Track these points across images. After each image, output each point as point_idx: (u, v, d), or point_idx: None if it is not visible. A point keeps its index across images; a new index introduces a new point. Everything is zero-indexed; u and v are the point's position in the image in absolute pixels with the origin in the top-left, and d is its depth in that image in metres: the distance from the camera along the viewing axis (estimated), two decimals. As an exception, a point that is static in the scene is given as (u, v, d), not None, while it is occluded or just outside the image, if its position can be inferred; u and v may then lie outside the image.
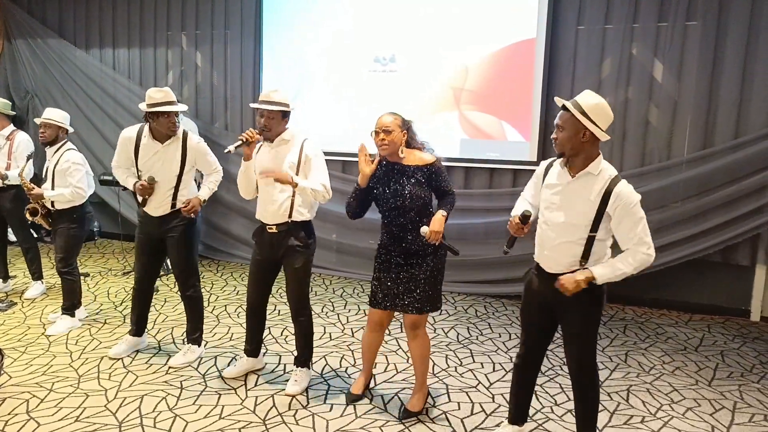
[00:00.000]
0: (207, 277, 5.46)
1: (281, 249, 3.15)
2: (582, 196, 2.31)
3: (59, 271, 4.02)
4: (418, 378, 3.03)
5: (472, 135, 5.12)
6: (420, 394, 3.03)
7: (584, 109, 2.25)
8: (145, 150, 3.41)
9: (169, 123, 3.33)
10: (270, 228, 3.15)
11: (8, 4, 6.73)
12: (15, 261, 5.60)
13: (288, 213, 3.10)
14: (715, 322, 4.57)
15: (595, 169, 2.29)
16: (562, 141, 2.30)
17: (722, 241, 4.45)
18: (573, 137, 2.27)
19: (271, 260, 3.22)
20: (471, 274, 5.09)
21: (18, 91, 6.86)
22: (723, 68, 4.41)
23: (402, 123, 2.83)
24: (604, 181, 2.28)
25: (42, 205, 3.98)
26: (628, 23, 4.59)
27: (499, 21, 4.94)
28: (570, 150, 2.30)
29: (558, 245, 2.37)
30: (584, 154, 2.30)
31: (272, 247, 3.17)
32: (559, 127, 2.30)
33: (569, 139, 2.28)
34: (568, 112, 2.27)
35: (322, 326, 4.26)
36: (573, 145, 2.28)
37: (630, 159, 4.70)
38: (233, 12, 5.85)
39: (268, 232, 3.17)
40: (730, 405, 3.21)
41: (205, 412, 2.98)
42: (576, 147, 2.29)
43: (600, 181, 2.29)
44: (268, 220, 3.15)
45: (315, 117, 5.60)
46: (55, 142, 3.97)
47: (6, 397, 3.09)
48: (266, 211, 3.15)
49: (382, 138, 2.78)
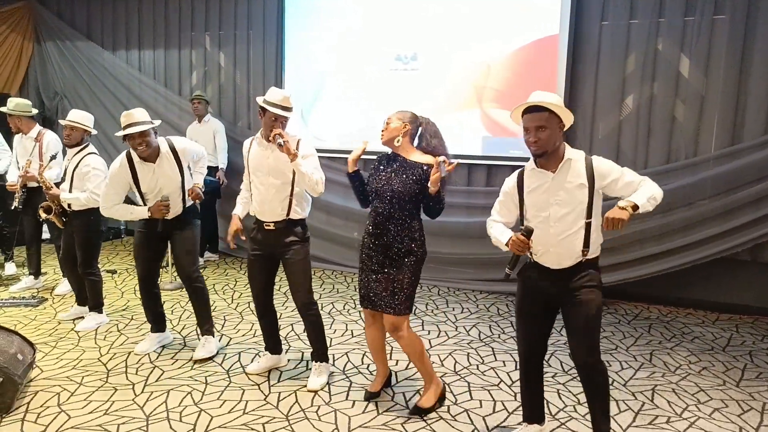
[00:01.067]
0: (230, 275, 5.54)
1: (279, 245, 3.20)
2: (571, 183, 2.37)
3: (82, 273, 4.09)
4: (422, 375, 3.03)
5: (494, 132, 5.10)
6: (429, 392, 3.02)
7: (556, 104, 2.33)
8: (142, 174, 3.46)
9: (134, 146, 3.36)
10: (267, 225, 3.20)
11: (38, 8, 6.90)
12: (45, 258, 5.73)
13: (286, 211, 3.16)
14: (744, 322, 4.47)
15: (570, 154, 2.39)
16: (546, 140, 2.33)
17: (751, 239, 4.35)
18: (554, 134, 2.34)
19: (270, 256, 3.27)
20: (494, 272, 5.07)
21: (47, 92, 7.04)
22: (752, 63, 4.31)
23: (404, 117, 2.90)
24: (582, 162, 2.38)
25: (57, 204, 4.03)
26: (654, 18, 4.52)
27: (521, 17, 4.91)
28: (552, 146, 2.35)
29: (563, 240, 2.39)
30: (560, 147, 2.39)
31: (270, 244, 3.22)
32: (541, 128, 2.32)
33: (552, 136, 2.33)
34: (543, 111, 2.32)
35: (344, 323, 4.29)
36: (555, 140, 2.35)
37: (656, 156, 4.63)
38: (256, 12, 5.92)
39: (265, 229, 3.22)
40: (759, 406, 3.15)
41: (230, 407, 3.03)
42: (558, 141, 2.37)
43: (578, 163, 2.38)
44: (266, 218, 3.20)
45: (335, 115, 5.63)
46: (79, 143, 4.03)
47: (38, 390, 3.18)
48: (264, 209, 3.20)
49: (383, 129, 2.93)
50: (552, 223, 2.41)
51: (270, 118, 3.08)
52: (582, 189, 2.36)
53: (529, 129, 2.35)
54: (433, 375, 3.03)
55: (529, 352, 2.63)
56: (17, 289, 4.93)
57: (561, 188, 2.38)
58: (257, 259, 3.29)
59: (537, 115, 2.32)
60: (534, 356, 2.64)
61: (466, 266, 5.23)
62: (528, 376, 2.68)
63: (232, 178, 5.69)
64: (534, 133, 2.33)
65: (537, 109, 2.33)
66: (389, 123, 2.91)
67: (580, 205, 2.37)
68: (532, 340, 2.61)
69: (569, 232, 2.38)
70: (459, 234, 5.16)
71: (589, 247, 2.39)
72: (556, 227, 2.40)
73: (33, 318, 4.30)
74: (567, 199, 2.38)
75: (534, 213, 2.47)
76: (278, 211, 3.17)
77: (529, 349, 2.63)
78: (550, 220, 2.41)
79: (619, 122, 4.73)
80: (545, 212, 2.42)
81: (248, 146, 3.27)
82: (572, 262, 2.41)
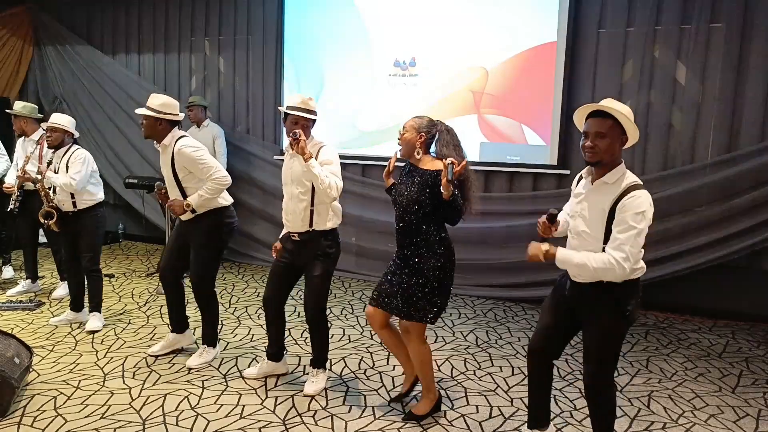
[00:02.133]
0: (228, 279, 5.54)
1: (302, 256, 3.19)
2: (597, 204, 2.27)
3: (88, 271, 4.14)
4: (422, 383, 3.02)
5: (492, 138, 5.12)
6: (425, 399, 3.01)
7: (624, 114, 2.19)
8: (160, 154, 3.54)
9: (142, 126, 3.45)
10: (293, 236, 3.20)
11: (38, 12, 6.92)
12: (43, 262, 5.74)
13: (308, 222, 3.13)
14: (740, 329, 4.48)
15: (610, 179, 2.24)
16: (603, 149, 2.20)
17: (747, 246, 4.36)
18: (613, 144, 2.21)
19: (294, 265, 3.25)
20: (491, 278, 5.08)
21: (47, 96, 7.05)
22: (748, 70, 4.34)
23: (420, 127, 2.85)
24: (620, 189, 2.21)
25: (56, 209, 4.07)
26: (651, 25, 4.54)
27: (519, 24, 4.93)
28: (609, 158, 2.22)
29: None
30: (616, 162, 2.25)
31: (295, 254, 3.22)
32: (600, 134, 2.19)
33: (610, 147, 2.21)
34: (609, 118, 2.20)
35: (341, 328, 4.29)
36: (612, 153, 2.22)
37: (652, 162, 4.65)
38: (255, 18, 5.94)
39: (291, 239, 3.22)
40: (755, 413, 3.16)
41: (226, 412, 3.03)
42: (615, 155, 2.24)
43: (616, 189, 2.22)
44: (291, 228, 3.20)
45: (334, 121, 5.65)
46: (61, 145, 4.08)
47: (35, 393, 3.18)
48: (288, 220, 3.21)
49: (399, 138, 2.91)
50: (573, 234, 2.38)
51: (291, 122, 3.06)
52: (602, 215, 2.23)
53: (588, 134, 2.23)
54: (432, 386, 3.02)
55: (535, 347, 2.54)
56: (15, 292, 4.92)
57: (589, 204, 2.30)
58: (280, 267, 3.28)
59: (600, 121, 2.21)
60: (540, 353, 2.54)
61: (464, 272, 5.22)
62: (532, 375, 2.59)
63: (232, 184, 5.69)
64: (592, 138, 2.21)
65: (602, 114, 2.21)
66: (404, 134, 2.86)
67: (597, 228, 2.25)
68: (542, 336, 2.51)
69: (585, 250, 2.29)
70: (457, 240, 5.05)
71: None
72: (574, 240, 2.36)
73: (30, 322, 4.30)
74: (590, 217, 2.29)
75: (570, 217, 2.45)
76: (301, 221, 3.13)
77: (537, 343, 2.53)
78: (572, 231, 2.39)
79: (617, 129, 4.74)
80: (573, 221, 2.39)
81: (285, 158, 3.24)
82: (590, 279, 2.30)
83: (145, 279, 5.48)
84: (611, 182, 2.24)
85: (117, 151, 6.65)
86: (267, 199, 5.89)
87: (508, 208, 5.04)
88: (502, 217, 5.04)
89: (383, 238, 5.42)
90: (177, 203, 3.41)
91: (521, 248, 2.59)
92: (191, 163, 3.39)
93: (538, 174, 4.99)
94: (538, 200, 4.94)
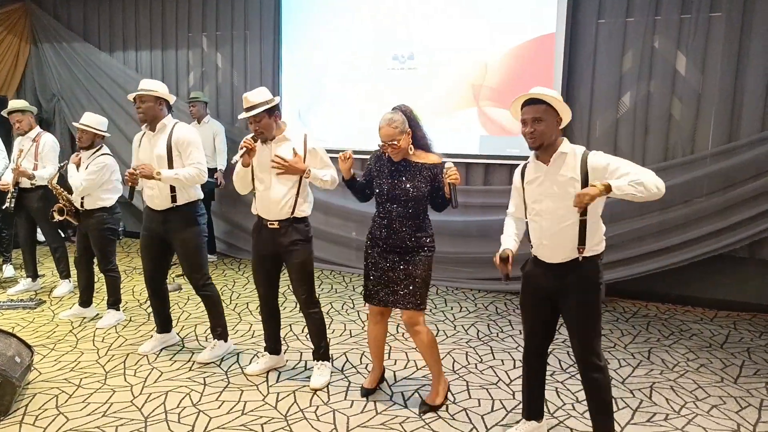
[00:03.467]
0: (229, 275, 5.54)
1: (283, 244, 3.18)
2: (563, 175, 2.38)
3: (102, 271, 4.21)
4: (432, 371, 3.06)
5: (491, 131, 5.10)
6: (438, 387, 3.05)
7: (554, 98, 2.37)
8: (144, 141, 3.52)
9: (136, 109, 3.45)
10: (271, 224, 3.17)
11: (35, 9, 6.89)
12: (43, 260, 5.73)
13: (291, 210, 3.15)
14: (742, 319, 4.48)
15: (565, 148, 2.40)
16: (542, 132, 2.36)
17: (748, 236, 4.35)
18: (550, 126, 2.37)
19: (273, 255, 3.24)
20: (492, 271, 5.06)
21: (44, 94, 7.02)
22: (748, 60, 4.31)
23: (403, 126, 2.82)
24: (578, 156, 2.38)
25: (70, 205, 4.13)
26: (650, 15, 4.51)
27: (518, 16, 4.90)
28: (549, 139, 2.38)
29: (556, 233, 2.41)
30: (557, 140, 2.41)
31: (274, 243, 3.20)
32: (537, 119, 2.35)
33: (549, 129, 2.37)
34: (541, 104, 2.35)
35: (342, 323, 4.29)
36: (552, 134, 2.38)
37: (653, 153, 4.63)
38: (253, 13, 5.91)
39: (268, 228, 3.19)
40: (757, 403, 3.15)
41: (228, 408, 3.03)
42: (554, 135, 2.40)
43: (573, 157, 2.38)
44: (270, 216, 3.18)
45: (333, 115, 5.63)
46: (92, 146, 4.12)
47: (36, 392, 3.18)
48: (268, 208, 3.17)
49: (394, 149, 2.83)
50: (545, 216, 2.43)
51: (255, 122, 3.08)
52: (573, 183, 2.35)
53: (526, 121, 2.38)
54: (442, 372, 3.07)
55: (529, 345, 2.64)
56: (15, 291, 4.92)
57: (554, 182, 2.40)
58: (261, 259, 3.27)
59: (534, 107, 2.37)
60: (534, 350, 2.64)
61: (464, 265, 5.23)
62: (528, 369, 2.68)
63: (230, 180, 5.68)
64: (530, 124, 2.37)
65: (535, 101, 2.37)
66: (399, 143, 2.79)
67: (571, 198, 2.32)
68: (532, 333, 2.62)
69: (560, 227, 2.39)
70: (457, 233, 5.17)
71: (585, 243, 2.39)
72: (548, 220, 2.42)
73: (31, 320, 4.30)
74: (558, 193, 2.39)
75: (530, 205, 2.50)
76: (284, 210, 3.14)
77: (529, 342, 2.64)
78: (543, 213, 2.44)
79: (616, 120, 4.73)
80: (538, 205, 2.46)
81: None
82: (566, 257, 2.42)
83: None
84: (569, 151, 2.40)
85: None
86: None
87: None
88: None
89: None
90: (148, 167, 3.33)
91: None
92: (185, 145, 3.39)
93: (538, 166, 4.97)
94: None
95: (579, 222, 2.37)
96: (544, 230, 2.44)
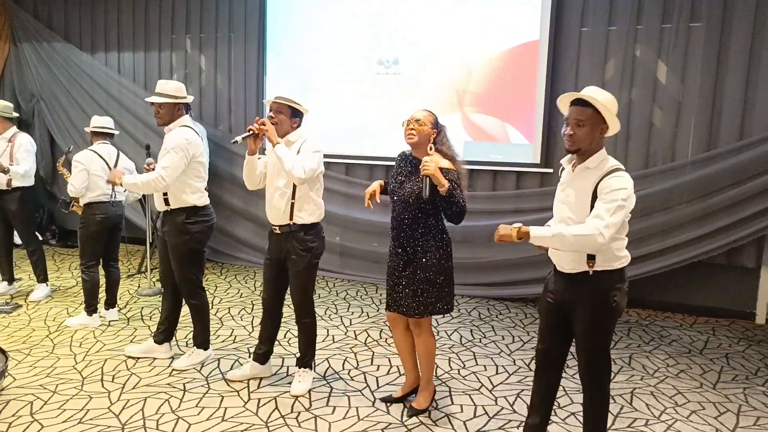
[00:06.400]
0: (211, 280, 5.48)
1: (284, 250, 3.17)
2: (579, 189, 2.29)
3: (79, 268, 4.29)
4: (423, 375, 3.05)
5: (475, 137, 5.12)
6: (425, 392, 3.06)
7: (604, 104, 2.22)
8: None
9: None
10: (275, 228, 3.19)
11: (14, 8, 6.77)
12: (20, 263, 5.62)
13: (288, 215, 3.12)
14: (720, 325, 4.54)
15: (592, 163, 2.27)
16: (581, 137, 2.23)
17: (727, 243, 4.41)
18: (592, 132, 2.24)
19: (278, 260, 3.23)
20: (474, 277, 5.08)
21: (24, 94, 6.89)
22: (727, 70, 4.39)
23: (435, 122, 2.86)
24: (603, 172, 2.23)
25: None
26: (632, 25, 4.58)
27: (502, 23, 4.94)
28: (588, 145, 2.25)
29: None
30: (596, 149, 2.28)
31: (277, 248, 3.20)
32: (579, 122, 2.22)
33: (589, 135, 2.23)
34: (589, 107, 2.22)
35: (325, 329, 4.26)
36: (592, 141, 2.25)
37: (634, 161, 4.68)
38: (237, 15, 5.87)
39: (274, 233, 3.20)
40: (735, 408, 3.19)
41: (208, 414, 2.99)
42: (594, 142, 2.26)
43: (598, 172, 2.25)
44: (272, 221, 3.19)
45: (318, 119, 5.60)
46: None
47: (10, 399, 3.10)
48: (270, 212, 3.19)
49: (411, 127, 2.81)
50: (558, 222, 2.38)
51: (276, 110, 3.12)
52: (586, 199, 2.25)
53: (569, 121, 2.26)
54: (432, 378, 3.07)
55: (539, 353, 2.53)
56: (-10, 295, 4.82)
57: (572, 190, 2.32)
58: (268, 265, 3.26)
59: (580, 109, 2.24)
60: (544, 358, 2.51)
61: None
62: (537, 375, 2.55)
63: (213, 183, 5.63)
64: (572, 126, 2.24)
65: (584, 103, 2.23)
66: (422, 124, 2.79)
67: (584, 213, 2.25)
68: (543, 341, 2.51)
69: None
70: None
71: (594, 257, 2.25)
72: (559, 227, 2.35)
73: (6, 325, 4.20)
74: (574, 203, 2.31)
75: (553, 208, 2.44)
76: (282, 214, 3.12)
77: (540, 349, 2.52)
78: (557, 219, 2.40)
79: (599, 127, 4.77)
80: (557, 209, 2.41)
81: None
82: (574, 268, 2.31)
83: (126, 280, 5.39)
84: (593, 167, 2.27)
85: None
86: (249, 199, 5.82)
87: (491, 207, 5.04)
88: (486, 216, 5.03)
89: (368, 237, 5.40)
90: (117, 174, 3.52)
91: (505, 247, 2.60)
92: (164, 150, 3.33)
93: (522, 173, 5.01)
94: (522, 199, 4.95)
95: None
96: None
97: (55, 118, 6.72)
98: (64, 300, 4.78)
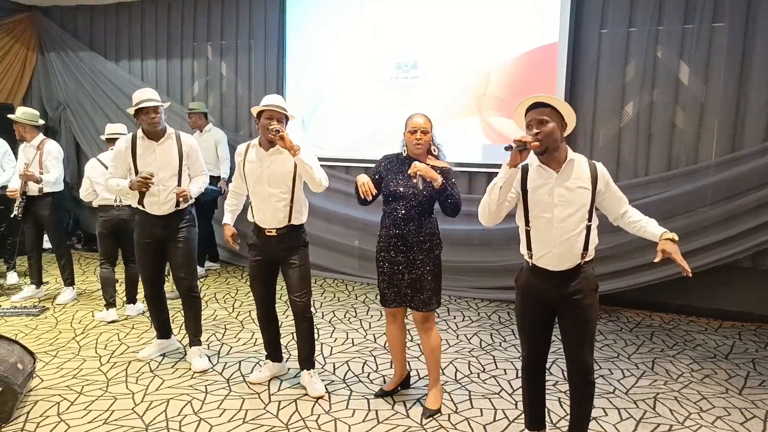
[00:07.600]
0: (231, 283, 5.54)
1: (281, 249, 3.23)
2: (574, 183, 2.38)
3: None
4: (431, 372, 3.08)
5: (494, 140, 5.10)
6: (435, 390, 3.08)
7: (558, 101, 2.38)
8: (142, 150, 3.53)
9: (147, 119, 3.48)
10: (269, 231, 3.22)
11: (42, 19, 6.95)
12: (47, 267, 5.74)
13: (288, 218, 3.19)
14: (747, 329, 4.45)
15: (572, 155, 2.40)
16: (548, 134, 2.32)
17: (752, 246, 4.33)
18: (556, 130, 2.34)
19: (271, 260, 3.29)
20: (494, 280, 5.06)
21: (51, 103, 7.07)
22: (751, 70, 4.32)
23: (431, 125, 3.00)
24: (586, 163, 2.41)
25: None
26: (653, 26, 4.53)
27: (521, 26, 4.92)
28: (553, 143, 2.35)
29: (565, 241, 2.39)
30: (561, 146, 2.39)
31: (272, 249, 3.25)
32: (543, 121, 2.32)
33: (553, 132, 2.33)
34: (546, 107, 2.34)
35: (344, 332, 4.28)
36: (556, 137, 2.35)
37: (656, 163, 4.63)
38: (257, 22, 5.95)
39: (266, 235, 3.23)
40: (762, 414, 3.13)
41: (229, 416, 3.02)
42: (558, 139, 2.36)
43: (582, 164, 2.40)
44: (268, 225, 3.22)
45: (336, 124, 5.65)
46: None
47: (38, 399, 3.18)
48: (265, 216, 3.22)
49: (419, 138, 2.93)
50: (556, 225, 2.39)
51: (265, 117, 3.11)
52: (584, 190, 2.37)
53: (531, 124, 2.35)
54: (439, 376, 3.13)
55: (531, 357, 2.62)
56: (19, 298, 4.94)
57: (565, 189, 2.38)
58: (259, 265, 3.31)
59: (539, 110, 2.35)
60: (536, 360, 2.62)
61: (467, 274, 5.22)
62: (529, 380, 2.66)
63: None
64: (536, 126, 2.33)
65: (539, 105, 2.36)
66: (426, 132, 2.94)
67: (583, 207, 2.37)
68: (534, 344, 2.60)
69: (571, 234, 2.38)
70: (460, 242, 5.15)
71: (587, 249, 2.41)
72: (559, 228, 2.38)
73: (34, 327, 4.30)
74: (571, 199, 2.37)
75: (537, 213, 2.44)
76: (280, 218, 3.19)
77: (531, 353, 2.62)
78: (553, 221, 2.40)
79: (619, 129, 4.73)
80: (549, 213, 2.40)
81: (243, 152, 3.27)
82: (571, 264, 2.42)
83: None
84: (576, 158, 2.40)
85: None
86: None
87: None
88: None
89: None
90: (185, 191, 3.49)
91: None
92: (195, 153, 3.59)
93: (541, 175, 4.97)
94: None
95: (586, 227, 2.39)
96: (554, 238, 2.40)
97: (80, 125, 6.88)
98: (90, 303, 4.88)
